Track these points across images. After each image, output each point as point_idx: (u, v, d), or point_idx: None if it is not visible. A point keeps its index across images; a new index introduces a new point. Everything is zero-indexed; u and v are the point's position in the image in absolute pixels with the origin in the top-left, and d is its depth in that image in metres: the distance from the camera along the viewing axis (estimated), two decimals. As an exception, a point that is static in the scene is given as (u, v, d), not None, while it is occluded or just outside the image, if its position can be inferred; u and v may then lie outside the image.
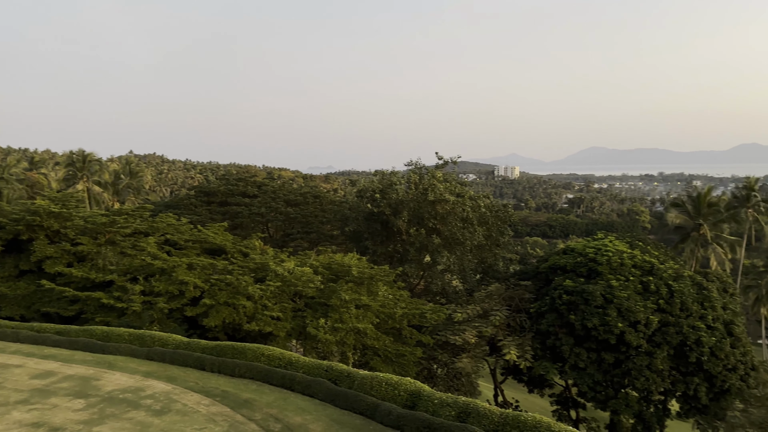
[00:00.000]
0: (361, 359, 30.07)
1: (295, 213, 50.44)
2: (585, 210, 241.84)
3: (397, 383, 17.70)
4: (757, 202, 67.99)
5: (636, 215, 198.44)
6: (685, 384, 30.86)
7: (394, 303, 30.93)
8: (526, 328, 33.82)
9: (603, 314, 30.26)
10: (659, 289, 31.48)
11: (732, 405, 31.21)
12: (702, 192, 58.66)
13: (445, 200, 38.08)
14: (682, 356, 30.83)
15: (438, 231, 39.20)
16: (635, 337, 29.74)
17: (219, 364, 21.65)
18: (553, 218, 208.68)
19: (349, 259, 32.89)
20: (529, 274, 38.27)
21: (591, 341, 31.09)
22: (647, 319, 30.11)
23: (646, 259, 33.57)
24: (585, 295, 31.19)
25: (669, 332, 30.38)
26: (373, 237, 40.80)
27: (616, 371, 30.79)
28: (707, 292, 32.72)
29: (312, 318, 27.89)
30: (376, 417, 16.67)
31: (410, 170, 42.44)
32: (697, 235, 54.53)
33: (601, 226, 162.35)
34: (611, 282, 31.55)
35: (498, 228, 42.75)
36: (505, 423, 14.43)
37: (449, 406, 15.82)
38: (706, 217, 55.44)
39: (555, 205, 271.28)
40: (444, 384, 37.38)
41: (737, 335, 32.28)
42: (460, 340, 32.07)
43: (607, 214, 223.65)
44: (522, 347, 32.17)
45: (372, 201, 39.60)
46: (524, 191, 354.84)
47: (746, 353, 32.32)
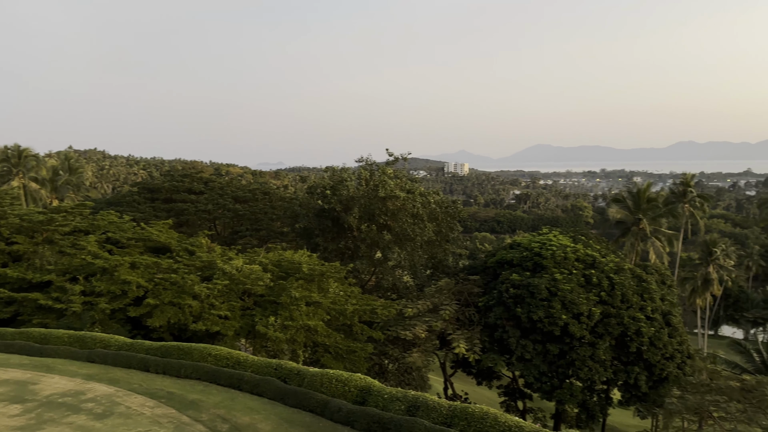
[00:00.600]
0: (311, 356, 29.90)
1: (244, 210, 49.61)
2: (531, 206, 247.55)
3: (347, 379, 17.69)
4: (693, 197, 71.28)
5: (579, 211, 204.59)
6: (626, 373, 32.03)
7: (345, 299, 30.88)
8: (475, 322, 34.37)
9: (548, 307, 31.06)
10: (601, 281, 32.55)
11: (670, 392, 32.58)
12: (641, 188, 60.95)
13: (396, 197, 38.24)
14: (623, 346, 32.00)
15: (389, 227, 39.35)
16: (579, 329, 30.68)
17: (164, 365, 21.11)
18: (501, 214, 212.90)
19: (299, 256, 32.62)
20: (478, 269, 38.89)
21: (537, 333, 31.88)
22: (590, 310, 31.09)
23: (589, 252, 34.64)
24: (531, 289, 31.94)
25: (610, 323, 31.46)
26: (324, 234, 40.61)
27: (561, 362, 31.69)
28: (646, 284, 34.04)
29: (261, 316, 27.53)
30: (326, 414, 16.63)
31: (361, 167, 42.39)
32: (636, 229, 56.66)
33: (546, 222, 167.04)
34: (555, 275, 32.39)
35: (447, 224, 43.22)
36: (453, 415, 14.62)
37: (399, 400, 15.93)
38: (646, 212, 57.67)
39: (503, 201, 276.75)
40: (395, 379, 37.63)
41: (675, 325, 33.75)
42: (411, 335, 32.30)
43: (552, 209, 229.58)
44: (471, 340, 32.67)
45: (323, 197, 39.38)
46: (473, 187, 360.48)
47: (683, 342, 33.83)
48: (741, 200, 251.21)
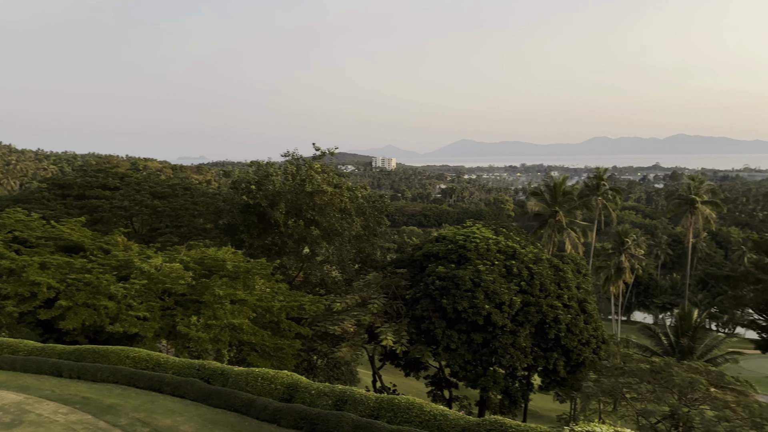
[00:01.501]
0: (237, 355, 29.31)
1: (163, 206, 47.76)
2: (456, 199, 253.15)
3: (273, 377, 17.47)
4: (606, 190, 75.16)
5: (501, 204, 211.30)
6: (545, 359, 33.39)
7: (271, 296, 30.43)
8: (403, 314, 34.78)
9: (472, 297, 31.87)
10: (521, 272, 33.74)
11: (586, 376, 34.22)
12: (557, 182, 63.66)
13: (323, 191, 38.01)
14: (543, 333, 33.33)
15: (316, 222, 39.08)
16: (501, 318, 31.69)
17: (78, 369, 20.08)
18: (427, 208, 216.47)
19: (223, 253, 31.82)
20: (405, 262, 39.34)
21: (462, 323, 32.65)
22: (511, 300, 32.16)
23: (510, 244, 35.82)
24: (456, 280, 32.66)
25: (530, 312, 32.69)
26: (250, 230, 39.78)
27: (485, 350, 32.66)
28: (563, 273, 35.57)
29: (183, 316, 26.68)
30: (252, 413, 16.36)
31: (287, 161, 41.82)
32: (553, 221, 59.14)
33: (470, 215, 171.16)
34: (479, 267, 33.27)
35: (375, 218, 43.44)
36: (380, 407, 14.77)
37: (326, 395, 15.90)
38: (562, 205, 60.28)
39: (429, 195, 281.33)
40: (324, 374, 37.54)
41: (590, 312, 35.47)
42: (339, 329, 32.28)
43: (476, 203, 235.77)
44: (398, 333, 33.05)
45: (248, 193, 38.53)
46: (401, 182, 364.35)
47: (597, 328, 35.62)
48: (650, 192, 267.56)
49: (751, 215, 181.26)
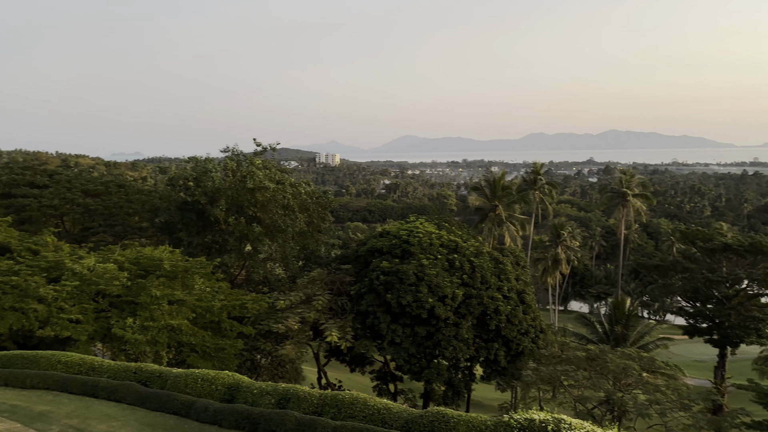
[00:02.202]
0: (176, 357, 28.50)
1: (96, 204, 45.83)
2: (401, 195, 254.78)
3: (213, 378, 17.10)
4: (542, 185, 77.52)
5: (444, 199, 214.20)
6: (486, 350, 34.16)
7: (212, 296, 29.73)
8: (347, 310, 34.76)
9: (416, 291, 32.21)
10: (463, 265, 34.34)
11: (526, 365, 35.25)
12: (497, 177, 65.12)
13: (265, 188, 37.41)
14: (484, 325, 34.05)
15: (259, 219, 38.45)
16: (444, 311, 32.17)
17: (6, 376, 19.08)
18: (372, 203, 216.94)
19: (160, 253, 30.85)
20: (350, 258, 39.31)
21: (406, 317, 32.95)
22: (454, 293, 32.69)
23: (452, 238, 36.39)
24: (400, 275, 32.92)
25: (472, 304, 33.33)
26: (188, 228, 38.72)
27: (428, 343, 33.08)
28: (503, 265, 36.46)
29: (118, 318, 25.71)
30: (192, 415, 15.98)
31: (227, 157, 40.91)
32: (493, 215, 60.48)
33: (414, 210, 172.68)
34: (422, 261, 33.65)
35: (319, 214, 43.13)
36: (324, 404, 14.72)
37: (269, 394, 15.71)
38: (501, 199, 61.71)
39: (374, 190, 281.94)
40: (268, 373, 37.07)
41: (528, 303, 36.52)
42: (283, 327, 31.94)
43: (419, 198, 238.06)
44: (343, 329, 33.02)
45: (185, 189, 37.47)
46: (345, 178, 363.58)
47: (536, 318, 36.71)
48: (585, 186, 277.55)
49: (679, 207, 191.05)
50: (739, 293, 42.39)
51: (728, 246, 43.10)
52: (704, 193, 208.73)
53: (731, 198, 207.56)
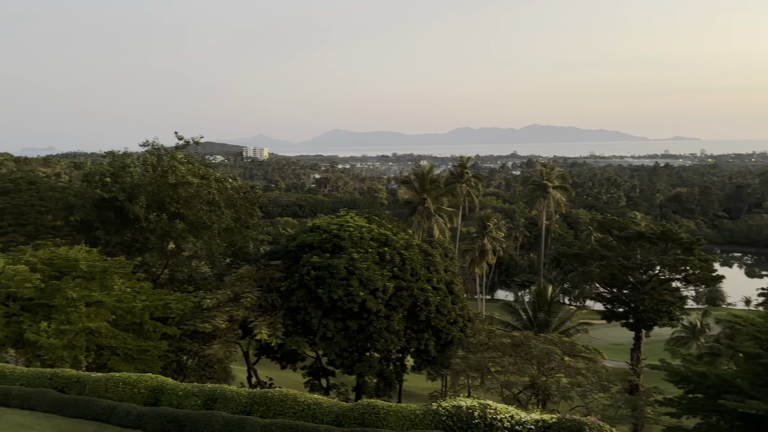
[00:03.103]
0: (97, 361, 27.19)
1: (5, 203, 42.89)
2: (331, 189, 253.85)
3: (136, 381, 16.45)
4: (469, 178, 79.25)
5: (375, 193, 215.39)
6: (417, 340, 34.65)
7: (132, 296, 28.54)
8: (278, 307, 34.31)
9: (347, 285, 32.19)
10: (393, 258, 34.63)
11: (455, 354, 36.03)
12: (425, 171, 66.05)
13: (189, 183, 36.16)
14: (414, 316, 34.51)
15: (182, 216, 37.16)
16: (375, 304, 32.33)
17: None
18: (302, 198, 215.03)
19: (76, 252, 29.26)
20: (280, 254, 38.78)
21: (337, 312, 32.89)
22: (384, 286, 32.91)
23: (382, 231, 36.60)
24: (330, 269, 32.78)
25: (403, 296, 33.69)
26: (106, 226, 36.90)
27: (360, 336, 33.19)
28: (432, 257, 37.04)
29: (31, 322, 24.23)
30: (113, 420, 15.31)
31: (147, 151, 39.24)
32: (422, 208, 61.34)
33: (345, 204, 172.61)
34: (353, 255, 33.65)
35: (247, 210, 42.22)
36: (252, 402, 14.46)
37: (195, 395, 15.27)
38: (430, 192, 62.69)
39: (304, 185, 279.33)
40: (196, 374, 36.02)
41: (457, 293, 37.31)
42: (210, 327, 31.10)
43: (350, 192, 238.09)
44: (273, 326, 32.57)
45: (102, 186, 35.65)
46: (274, 172, 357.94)
47: (464, 308, 37.57)
48: (509, 179, 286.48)
49: (596, 198, 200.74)
50: (652, 279, 45.00)
51: (642, 234, 45.63)
52: (620, 185, 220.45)
53: (644, 189, 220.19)
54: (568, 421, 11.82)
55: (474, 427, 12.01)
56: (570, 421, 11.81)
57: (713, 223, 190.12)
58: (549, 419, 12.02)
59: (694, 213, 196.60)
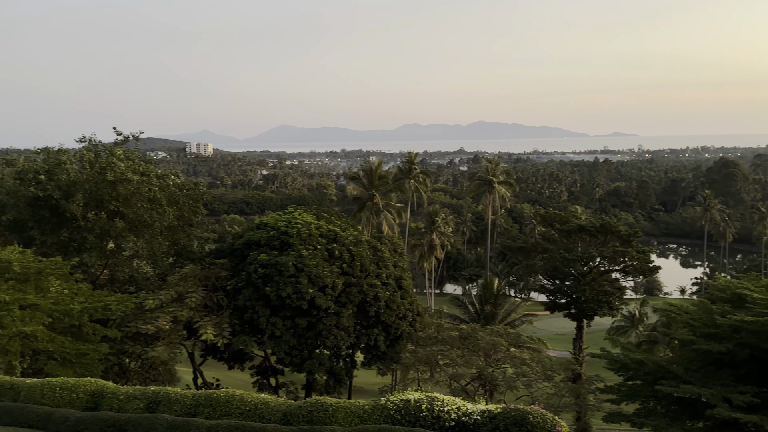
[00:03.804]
0: (33, 366, 25.99)
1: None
2: (279, 186, 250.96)
3: (74, 386, 15.82)
4: (417, 174, 79.88)
5: (324, 189, 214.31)
6: (367, 336, 34.73)
7: (70, 298, 27.42)
8: (224, 306, 33.72)
9: (296, 283, 31.92)
10: (342, 254, 34.56)
11: (404, 348, 36.36)
12: (374, 167, 66.19)
13: (128, 180, 34.93)
14: (364, 312, 34.56)
15: (122, 214, 35.89)
16: (324, 301, 32.21)
17: None
18: (249, 195, 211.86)
19: (8, 253, 27.84)
20: (226, 252, 38.09)
21: (286, 309, 32.60)
22: (334, 282, 32.81)
23: (331, 228, 36.45)
24: (279, 267, 32.44)
25: (352, 292, 33.68)
26: (41, 225, 35.26)
27: (309, 334, 33.00)
28: (381, 253, 37.16)
29: (-41, 328, 22.93)
30: (50, 427, 14.67)
31: (84, 148, 37.70)
32: (371, 204, 61.47)
33: (294, 201, 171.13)
34: (302, 252, 33.40)
35: (190, 207, 41.17)
36: (197, 404, 14.15)
37: (137, 398, 14.81)
38: (378, 188, 62.88)
39: (251, 182, 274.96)
40: (139, 377, 35.03)
41: (406, 288, 37.56)
42: (153, 328, 30.25)
43: (299, 189, 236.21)
44: (220, 325, 32.01)
45: (36, 184, 34.04)
46: (219, 169, 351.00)
47: (413, 302, 37.88)
48: (456, 175, 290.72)
49: (539, 193, 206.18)
50: (592, 270, 46.59)
51: (582, 227, 47.15)
52: (561, 180, 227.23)
53: (585, 183, 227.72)
54: (513, 410, 12.10)
55: (422, 420, 12.13)
56: (514, 410, 12.10)
57: (650, 215, 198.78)
58: (494, 409, 12.28)
59: (632, 206, 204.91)
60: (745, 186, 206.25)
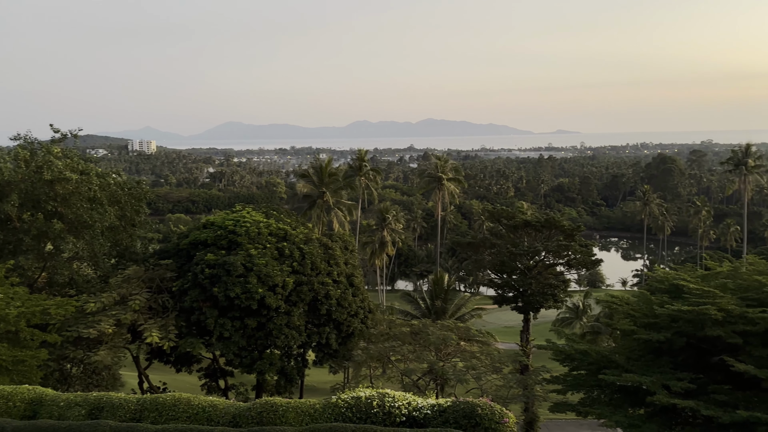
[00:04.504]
0: (-36, 376, 24.66)
1: None
2: (227, 184, 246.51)
3: (11, 394, 15.09)
4: (368, 171, 79.97)
5: (273, 187, 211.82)
6: (318, 334, 34.56)
7: (5, 303, 26.12)
8: (170, 308, 32.91)
9: (244, 282, 31.43)
10: (293, 253, 34.25)
11: (356, 345, 36.38)
12: (324, 164, 65.84)
13: (66, 179, 33.53)
14: (315, 310, 34.38)
15: (60, 214, 34.44)
16: (275, 300, 31.84)
17: None
18: (195, 193, 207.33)
19: (-65, 257, 26.33)
20: (171, 252, 37.13)
21: (235, 310, 32.07)
22: (284, 281, 32.49)
23: (281, 226, 36.06)
24: (227, 267, 31.86)
25: (303, 291, 33.43)
26: (-28, 227, 33.52)
27: (260, 334, 32.58)
28: (332, 251, 37.02)
29: None
30: (-17, 440, 13.96)
31: (18, 146, 36.01)
32: (321, 201, 61.13)
33: (242, 199, 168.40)
34: (250, 251, 32.91)
35: (133, 207, 39.91)
36: (143, 409, 13.75)
37: (78, 405, 14.27)
38: (328, 186, 62.60)
39: (197, 180, 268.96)
40: (81, 383, 33.77)
41: (357, 285, 37.56)
42: (95, 332, 29.20)
43: (247, 186, 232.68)
44: (165, 328, 31.22)
45: (-34, 184, 32.34)
46: (164, 167, 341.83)
47: (364, 300, 37.92)
48: (407, 172, 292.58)
49: (487, 189, 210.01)
50: (538, 264, 47.80)
51: (528, 222, 48.31)
52: (508, 176, 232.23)
53: (531, 180, 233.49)
54: (462, 403, 12.30)
55: (373, 416, 12.17)
56: (463, 403, 12.29)
57: (592, 210, 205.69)
58: (444, 403, 12.44)
59: (575, 201, 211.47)
60: (681, 181, 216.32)
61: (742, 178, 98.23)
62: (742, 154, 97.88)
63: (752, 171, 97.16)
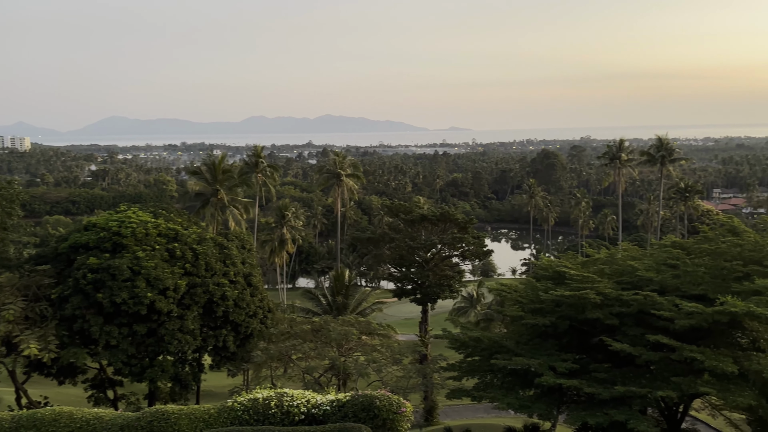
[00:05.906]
0: None
1: None
2: (111, 182, 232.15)
3: None
4: (265, 167, 78.37)
5: (163, 185, 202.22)
6: (215, 337, 33.45)
7: None
8: (49, 317, 30.53)
9: (132, 287, 29.76)
10: (185, 253, 32.85)
11: (256, 346, 35.56)
12: (217, 160, 63.66)
13: None
14: (211, 312, 33.22)
15: None
16: (165, 304, 30.42)
17: None
18: (75, 193, 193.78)
19: None
20: (49, 257, 34.41)
21: (122, 316, 30.31)
22: (176, 284, 31.10)
23: (171, 226, 34.45)
24: (111, 271, 30.00)
25: (197, 293, 32.18)
26: None
27: (150, 340, 31.02)
28: (228, 250, 35.90)
29: None
30: None
31: None
32: (215, 200, 59.07)
33: (129, 198, 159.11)
34: (138, 253, 31.20)
35: (4, 209, 36.78)
36: (18, 426, 12.65)
37: (-62, 430, 12.86)
38: (223, 183, 60.60)
39: (77, 178, 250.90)
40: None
41: (255, 285, 36.69)
42: (-38, 347, 26.52)
43: (134, 185, 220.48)
44: (45, 338, 29.00)
45: None
46: (39, 165, 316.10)
47: (263, 299, 37.13)
48: (306, 168, 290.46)
49: (386, 184, 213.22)
50: (435, 256, 49.24)
51: (425, 216, 49.60)
52: (406, 172, 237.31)
53: (427, 175, 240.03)
54: (361, 396, 12.41)
55: (271, 417, 11.98)
56: (362, 396, 12.41)
57: (484, 203, 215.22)
58: (343, 398, 12.50)
59: (468, 195, 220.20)
60: (563, 175, 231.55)
61: (616, 171, 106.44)
62: (616, 149, 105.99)
63: (625, 164, 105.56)
